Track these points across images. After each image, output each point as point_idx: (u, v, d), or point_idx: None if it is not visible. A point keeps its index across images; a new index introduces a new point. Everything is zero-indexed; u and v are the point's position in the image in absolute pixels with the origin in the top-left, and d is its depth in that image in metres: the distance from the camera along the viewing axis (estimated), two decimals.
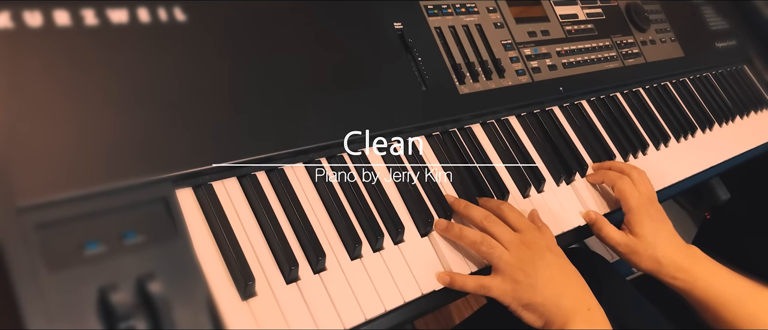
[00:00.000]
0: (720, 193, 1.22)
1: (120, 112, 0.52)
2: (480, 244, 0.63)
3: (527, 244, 0.63)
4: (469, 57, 0.80)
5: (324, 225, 0.61)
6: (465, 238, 0.64)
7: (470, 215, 0.66)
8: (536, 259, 0.62)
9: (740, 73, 1.26)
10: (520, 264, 0.61)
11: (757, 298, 0.71)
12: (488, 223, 0.64)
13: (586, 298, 0.62)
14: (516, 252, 0.62)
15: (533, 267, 0.61)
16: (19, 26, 0.50)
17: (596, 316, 0.61)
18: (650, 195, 0.77)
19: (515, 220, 0.65)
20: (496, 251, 0.62)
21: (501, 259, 0.61)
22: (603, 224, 0.75)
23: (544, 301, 0.60)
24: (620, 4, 1.08)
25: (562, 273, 0.63)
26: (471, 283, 0.62)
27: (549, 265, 0.62)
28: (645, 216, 0.74)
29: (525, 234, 0.64)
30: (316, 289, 0.56)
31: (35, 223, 0.44)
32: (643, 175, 0.80)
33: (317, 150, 0.63)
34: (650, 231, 0.73)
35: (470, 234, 0.63)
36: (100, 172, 0.48)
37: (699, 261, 0.73)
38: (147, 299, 0.45)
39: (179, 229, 0.50)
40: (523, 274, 0.61)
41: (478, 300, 1.45)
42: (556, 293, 0.60)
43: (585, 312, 0.61)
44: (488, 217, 0.65)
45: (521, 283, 0.60)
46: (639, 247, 0.73)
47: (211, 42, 0.60)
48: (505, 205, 0.67)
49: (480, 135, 0.78)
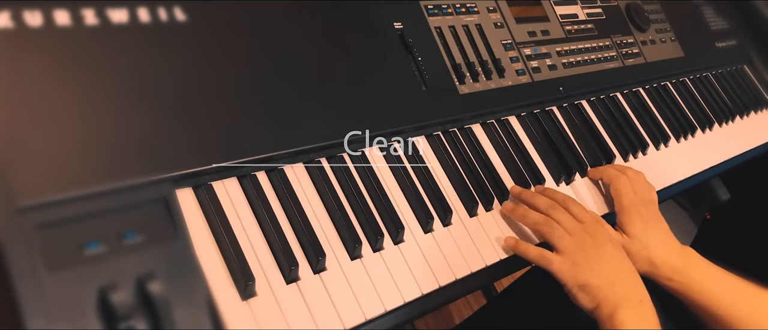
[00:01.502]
0: (720, 193, 1.22)
1: (120, 111, 0.52)
2: (542, 224, 0.67)
3: (589, 232, 0.66)
4: (469, 57, 0.80)
5: (324, 225, 0.61)
6: (529, 218, 0.68)
7: (536, 202, 0.70)
8: (597, 246, 0.65)
9: (740, 73, 1.26)
10: (581, 248, 0.64)
11: (753, 300, 0.71)
12: (553, 210, 0.68)
13: (639, 291, 0.64)
14: (578, 238, 0.65)
15: (594, 252, 0.64)
16: (19, 26, 0.50)
17: (647, 309, 0.63)
18: (645, 196, 0.77)
19: (580, 212, 0.69)
20: (558, 232, 0.65)
21: (561, 240, 0.65)
22: None
23: (600, 285, 0.62)
24: (620, 4, 1.08)
25: (620, 264, 0.65)
26: (533, 252, 0.65)
27: (607, 254, 0.65)
28: (636, 216, 0.74)
29: (588, 225, 0.67)
30: (316, 289, 0.56)
31: (35, 223, 0.44)
32: (640, 176, 0.80)
33: (317, 150, 0.63)
34: (642, 231, 0.73)
35: (534, 215, 0.68)
36: (100, 172, 0.48)
37: (694, 263, 0.73)
38: (147, 299, 0.45)
39: (179, 229, 0.50)
40: (583, 257, 0.64)
41: (478, 300, 1.45)
42: (611, 280, 0.63)
43: (637, 303, 0.62)
44: (553, 204, 0.69)
45: (580, 265, 0.63)
46: (631, 247, 0.72)
47: (211, 42, 0.60)
48: (571, 199, 0.71)
49: (480, 135, 0.78)
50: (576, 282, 0.63)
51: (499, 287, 1.28)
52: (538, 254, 0.65)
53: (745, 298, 0.71)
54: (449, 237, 0.67)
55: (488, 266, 0.67)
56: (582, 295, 0.63)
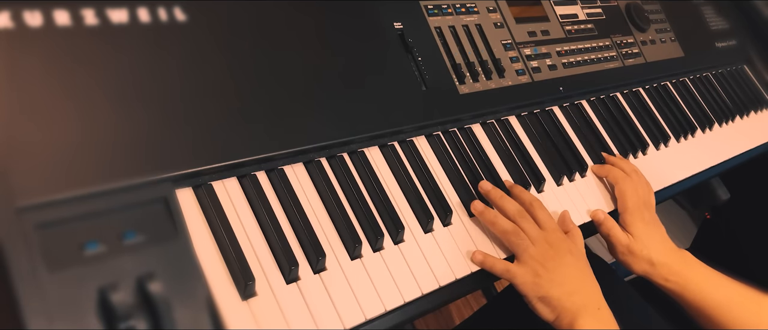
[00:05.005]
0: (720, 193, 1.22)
1: (120, 111, 0.52)
2: (511, 234, 0.66)
3: (550, 243, 0.66)
4: (469, 57, 0.80)
5: (324, 225, 0.61)
6: (498, 226, 0.67)
7: (504, 207, 0.69)
8: (557, 257, 0.65)
9: (740, 73, 1.26)
10: (542, 259, 0.65)
11: (748, 303, 0.72)
12: (520, 218, 0.68)
13: (597, 298, 0.65)
14: (540, 248, 0.65)
15: (553, 264, 0.65)
16: (19, 26, 0.50)
17: (604, 316, 0.64)
18: (646, 199, 0.79)
19: (544, 219, 0.69)
20: (524, 243, 0.66)
21: (526, 252, 0.65)
22: (612, 225, 0.77)
23: (559, 296, 0.63)
24: (620, 4, 1.08)
25: (579, 274, 0.66)
26: (499, 266, 0.65)
27: (567, 265, 0.65)
28: (639, 218, 0.76)
29: (550, 234, 0.67)
30: (316, 289, 0.56)
31: (35, 223, 0.44)
32: (643, 179, 0.82)
33: (317, 150, 0.63)
34: (644, 233, 0.75)
35: (503, 223, 0.67)
36: (100, 172, 0.48)
37: (691, 265, 0.74)
38: (147, 299, 0.45)
39: (179, 229, 0.50)
40: (543, 269, 0.64)
41: (478, 300, 1.45)
42: (569, 291, 0.64)
43: (595, 310, 0.63)
44: (521, 212, 0.69)
45: (541, 277, 0.64)
46: (635, 247, 0.74)
47: (211, 42, 0.60)
48: (536, 202, 0.70)
49: (480, 135, 0.78)
50: (536, 294, 0.63)
51: (499, 287, 1.28)
52: (503, 268, 0.65)
53: (740, 300, 0.72)
54: (449, 237, 0.67)
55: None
56: (541, 306, 0.64)
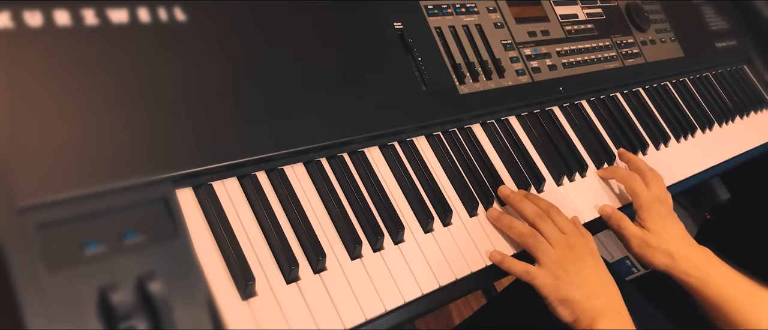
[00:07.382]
0: (720, 193, 1.22)
1: (120, 112, 0.52)
2: (527, 237, 0.66)
3: (571, 246, 0.66)
4: (469, 57, 0.80)
5: (324, 225, 0.61)
6: (514, 229, 0.68)
7: (524, 210, 0.69)
8: (577, 259, 0.65)
9: (740, 73, 1.26)
10: (562, 262, 0.65)
11: (766, 304, 0.71)
12: (540, 220, 0.68)
13: (616, 302, 0.65)
14: (560, 251, 0.66)
15: (574, 266, 0.65)
16: (19, 26, 0.50)
17: (624, 320, 0.64)
18: (661, 196, 0.79)
19: (562, 223, 0.69)
20: (542, 246, 0.66)
21: (545, 254, 0.65)
22: (621, 217, 0.77)
23: (579, 299, 0.63)
24: (620, 4, 1.08)
25: (599, 277, 0.66)
26: (518, 268, 0.65)
27: (587, 268, 0.66)
28: (655, 212, 0.76)
29: (570, 237, 0.67)
30: (316, 289, 0.56)
31: (35, 223, 0.44)
32: (657, 176, 0.82)
33: (317, 150, 0.63)
34: (662, 227, 0.75)
35: (520, 225, 0.68)
36: (100, 172, 0.48)
37: (712, 262, 0.74)
38: (147, 299, 0.45)
39: (179, 229, 0.50)
40: (563, 272, 0.64)
41: (478, 300, 1.45)
42: (589, 294, 0.64)
43: (614, 314, 0.64)
44: (540, 214, 0.68)
45: (561, 279, 0.64)
46: (652, 240, 0.74)
47: (211, 42, 0.60)
48: (554, 208, 0.70)
49: (480, 135, 0.78)
50: (557, 296, 0.64)
51: (499, 287, 1.28)
52: (522, 270, 0.65)
53: (759, 301, 0.71)
54: (449, 237, 0.67)
55: (488, 266, 0.67)
56: (562, 308, 0.64)
